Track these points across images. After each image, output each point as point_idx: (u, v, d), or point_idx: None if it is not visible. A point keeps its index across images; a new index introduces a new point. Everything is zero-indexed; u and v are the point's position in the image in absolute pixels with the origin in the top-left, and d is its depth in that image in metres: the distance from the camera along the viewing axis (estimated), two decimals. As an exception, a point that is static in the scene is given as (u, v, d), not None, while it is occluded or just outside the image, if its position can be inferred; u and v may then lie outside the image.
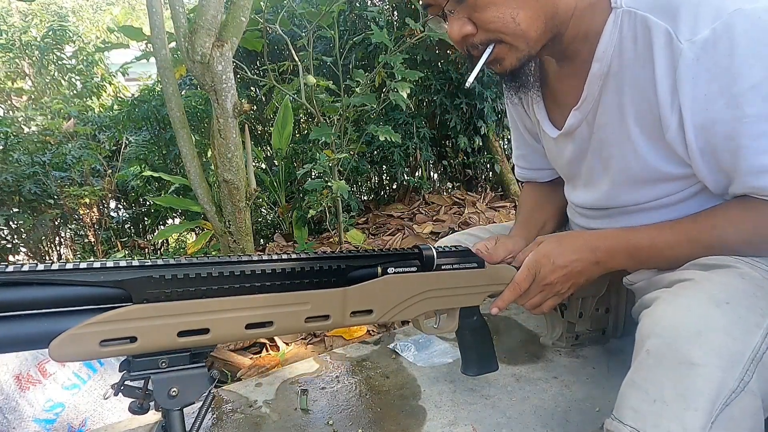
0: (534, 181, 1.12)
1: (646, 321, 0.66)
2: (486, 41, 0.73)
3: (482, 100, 3.14)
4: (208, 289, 0.56)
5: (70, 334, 0.49)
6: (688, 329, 0.60)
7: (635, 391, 0.62)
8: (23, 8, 6.27)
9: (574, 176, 0.93)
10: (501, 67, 0.76)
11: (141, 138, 3.33)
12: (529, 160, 1.10)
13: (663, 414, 0.58)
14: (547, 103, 0.91)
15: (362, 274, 0.68)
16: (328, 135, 2.15)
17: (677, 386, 0.58)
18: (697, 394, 0.57)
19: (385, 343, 1.13)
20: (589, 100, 0.79)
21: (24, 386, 1.15)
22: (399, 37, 2.16)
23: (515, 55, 0.74)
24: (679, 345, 0.60)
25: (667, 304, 0.65)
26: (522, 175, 1.13)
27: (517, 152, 1.12)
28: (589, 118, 0.81)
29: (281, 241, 2.88)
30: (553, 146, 0.94)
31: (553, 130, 0.90)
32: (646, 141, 0.75)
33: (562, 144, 0.90)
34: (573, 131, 0.85)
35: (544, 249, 0.82)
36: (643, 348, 0.63)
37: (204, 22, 1.51)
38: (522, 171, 1.13)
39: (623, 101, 0.75)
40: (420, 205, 3.27)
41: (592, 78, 0.77)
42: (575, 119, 0.83)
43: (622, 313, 1.04)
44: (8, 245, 3.08)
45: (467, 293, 0.80)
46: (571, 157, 0.89)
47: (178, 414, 0.57)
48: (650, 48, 0.69)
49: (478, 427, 0.85)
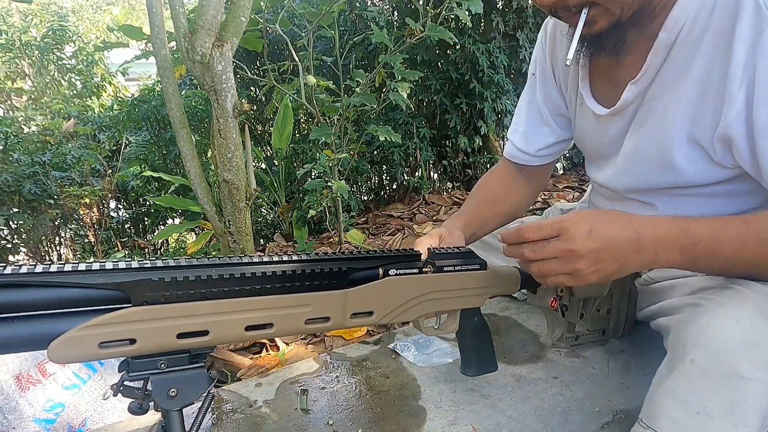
0: (517, 163, 1.10)
1: (691, 330, 0.63)
2: (580, 3, 0.70)
3: (482, 100, 3.14)
4: (207, 292, 0.56)
5: (69, 336, 0.49)
6: (737, 342, 0.58)
7: (675, 401, 0.60)
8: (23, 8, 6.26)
9: (609, 156, 0.90)
10: (589, 29, 0.72)
11: (141, 138, 3.33)
12: (529, 141, 1.06)
13: (707, 427, 0.56)
14: (593, 81, 0.88)
15: (363, 276, 0.68)
16: (328, 135, 2.15)
17: (724, 400, 0.56)
18: (746, 409, 0.55)
19: (385, 343, 1.13)
20: (649, 72, 0.76)
21: (24, 386, 1.15)
22: (399, 37, 2.16)
23: (608, 19, 0.71)
24: (728, 357, 0.57)
25: (713, 315, 0.62)
26: (512, 154, 1.10)
27: (521, 129, 1.08)
28: (643, 92, 0.78)
29: (281, 241, 2.88)
30: (592, 125, 0.91)
31: (600, 108, 0.87)
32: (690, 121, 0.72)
33: (607, 122, 0.87)
34: (625, 108, 0.82)
35: (583, 213, 0.67)
36: (687, 358, 0.61)
37: (204, 22, 1.51)
38: (514, 150, 1.09)
39: (684, 74, 0.72)
40: (420, 205, 3.27)
41: (657, 47, 0.74)
42: (631, 93, 0.80)
43: (622, 314, 1.03)
44: (8, 245, 3.08)
45: (468, 295, 0.80)
46: (614, 135, 0.86)
47: (177, 414, 0.57)
48: (733, 17, 0.65)
49: (478, 427, 0.85)
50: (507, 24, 3.17)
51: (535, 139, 1.06)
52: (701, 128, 0.72)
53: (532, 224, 0.67)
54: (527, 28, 3.23)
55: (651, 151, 0.79)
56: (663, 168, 0.79)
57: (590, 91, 0.89)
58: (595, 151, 0.94)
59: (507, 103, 3.21)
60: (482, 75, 3.10)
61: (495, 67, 3.13)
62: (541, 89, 1.03)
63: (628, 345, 1.05)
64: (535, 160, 1.08)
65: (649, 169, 0.81)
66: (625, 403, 0.89)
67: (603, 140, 0.90)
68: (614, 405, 0.88)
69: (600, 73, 0.87)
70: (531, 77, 1.06)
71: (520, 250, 0.69)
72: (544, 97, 1.02)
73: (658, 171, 0.80)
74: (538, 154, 1.07)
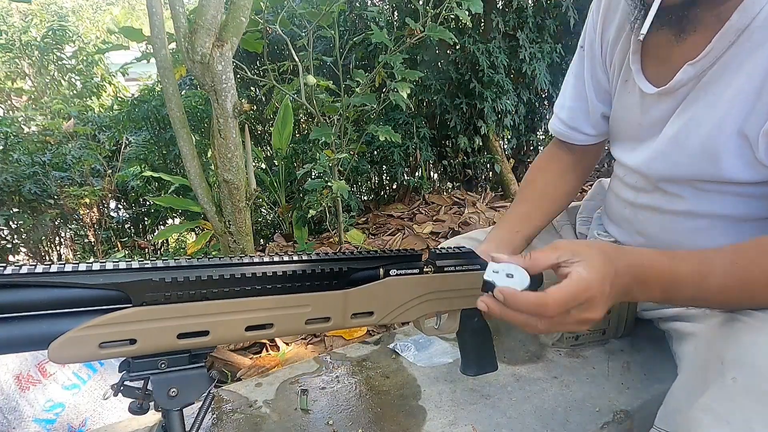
0: (566, 141, 1.04)
1: (731, 346, 0.61)
2: None
3: (482, 100, 3.15)
4: (208, 292, 0.56)
5: (69, 337, 0.49)
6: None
7: (712, 419, 0.58)
8: (23, 8, 6.27)
9: (645, 139, 0.85)
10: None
11: (141, 138, 3.34)
12: (574, 117, 1.01)
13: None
14: (644, 57, 0.83)
15: (364, 276, 0.68)
16: (328, 135, 2.15)
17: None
18: None
19: (385, 343, 1.13)
20: (712, 55, 0.70)
21: (24, 386, 1.15)
22: (399, 37, 2.16)
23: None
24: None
25: (757, 333, 0.61)
26: (559, 129, 1.04)
27: (567, 103, 1.02)
28: (700, 75, 0.73)
29: (281, 241, 2.88)
30: (635, 103, 0.86)
31: (649, 86, 0.81)
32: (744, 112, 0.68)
33: (653, 102, 0.82)
34: (676, 89, 0.77)
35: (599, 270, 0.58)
36: (727, 375, 0.59)
37: (204, 22, 1.51)
38: (560, 126, 1.03)
39: (749, 61, 0.68)
40: (420, 205, 3.27)
41: (727, 30, 0.68)
42: (686, 75, 0.74)
43: (623, 314, 1.03)
44: (8, 245, 3.09)
45: (469, 295, 0.80)
46: (657, 117, 0.81)
47: (177, 414, 0.57)
48: None
49: (478, 427, 0.85)
50: (507, 24, 3.18)
51: (578, 116, 1.01)
52: (753, 121, 0.68)
53: (558, 300, 0.57)
54: (527, 28, 3.23)
55: (696, 138, 0.74)
56: (705, 158, 0.74)
57: (640, 67, 0.83)
58: (632, 133, 0.88)
59: (507, 103, 3.22)
60: (482, 75, 3.10)
61: (495, 67, 3.13)
62: (589, 64, 0.97)
63: (628, 345, 1.05)
64: (582, 138, 1.02)
65: (691, 158, 0.76)
66: (625, 403, 0.89)
67: (643, 121, 0.84)
68: (614, 405, 0.88)
69: (653, 49, 0.81)
70: (579, 50, 1.00)
71: (531, 322, 0.59)
72: (592, 73, 0.97)
73: (699, 161, 0.75)
74: (583, 133, 1.02)
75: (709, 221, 0.79)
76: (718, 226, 0.78)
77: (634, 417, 0.87)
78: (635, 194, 0.89)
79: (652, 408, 0.74)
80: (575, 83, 1.01)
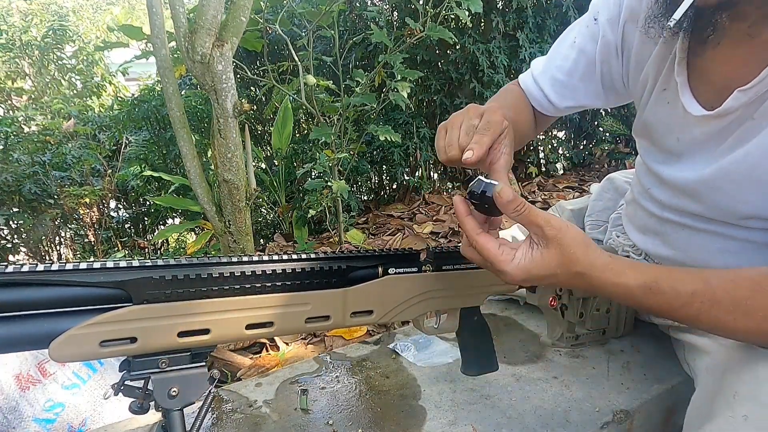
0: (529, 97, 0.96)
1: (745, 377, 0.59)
2: None
3: (482, 101, 3.15)
4: (208, 290, 0.56)
5: (70, 335, 0.49)
6: None
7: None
8: (23, 8, 6.27)
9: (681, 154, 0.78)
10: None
11: (141, 138, 3.34)
12: (562, 94, 0.92)
13: None
14: (690, 77, 0.75)
15: (363, 275, 0.68)
16: (328, 135, 2.15)
17: None
18: None
19: (385, 343, 1.13)
20: (766, 82, 0.63)
21: (24, 386, 1.15)
22: (399, 37, 2.16)
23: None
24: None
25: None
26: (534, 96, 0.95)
27: (558, 76, 0.92)
28: (755, 104, 0.65)
29: (281, 241, 2.88)
30: (674, 119, 0.78)
31: (696, 108, 0.73)
32: None
33: (696, 122, 0.73)
34: (725, 115, 0.69)
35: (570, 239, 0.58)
36: (738, 411, 0.56)
37: (204, 22, 1.51)
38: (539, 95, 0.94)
39: None
40: (420, 205, 3.27)
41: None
42: (736, 102, 0.67)
43: (622, 314, 1.04)
44: (8, 245, 3.09)
45: (468, 293, 0.80)
46: (698, 137, 0.74)
47: (178, 414, 0.57)
48: None
49: (478, 427, 0.85)
50: (507, 24, 3.18)
51: (571, 94, 0.92)
52: None
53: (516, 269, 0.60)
54: (527, 28, 3.23)
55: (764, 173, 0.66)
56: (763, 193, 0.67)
57: (686, 81, 0.74)
58: (669, 145, 0.81)
59: (507, 103, 3.21)
60: (482, 75, 3.10)
61: (495, 67, 3.13)
62: (603, 43, 0.86)
63: (628, 345, 1.05)
64: (554, 112, 0.95)
65: (749, 191, 0.68)
66: (625, 403, 0.89)
67: (682, 137, 0.77)
68: (614, 405, 0.88)
69: (697, 71, 0.74)
70: (592, 22, 0.88)
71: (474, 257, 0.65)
72: (602, 57, 0.87)
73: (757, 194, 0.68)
74: (562, 109, 0.94)
75: (740, 245, 0.75)
76: (748, 249, 0.74)
77: (634, 417, 0.87)
78: (661, 209, 0.83)
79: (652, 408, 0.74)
80: (578, 59, 0.90)
